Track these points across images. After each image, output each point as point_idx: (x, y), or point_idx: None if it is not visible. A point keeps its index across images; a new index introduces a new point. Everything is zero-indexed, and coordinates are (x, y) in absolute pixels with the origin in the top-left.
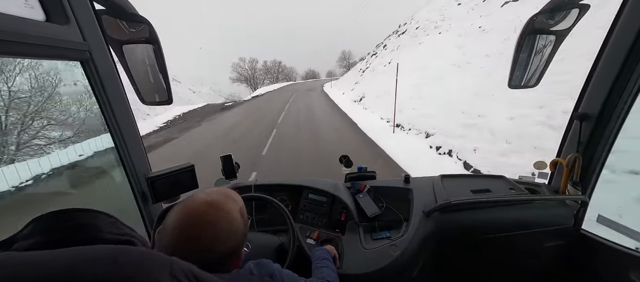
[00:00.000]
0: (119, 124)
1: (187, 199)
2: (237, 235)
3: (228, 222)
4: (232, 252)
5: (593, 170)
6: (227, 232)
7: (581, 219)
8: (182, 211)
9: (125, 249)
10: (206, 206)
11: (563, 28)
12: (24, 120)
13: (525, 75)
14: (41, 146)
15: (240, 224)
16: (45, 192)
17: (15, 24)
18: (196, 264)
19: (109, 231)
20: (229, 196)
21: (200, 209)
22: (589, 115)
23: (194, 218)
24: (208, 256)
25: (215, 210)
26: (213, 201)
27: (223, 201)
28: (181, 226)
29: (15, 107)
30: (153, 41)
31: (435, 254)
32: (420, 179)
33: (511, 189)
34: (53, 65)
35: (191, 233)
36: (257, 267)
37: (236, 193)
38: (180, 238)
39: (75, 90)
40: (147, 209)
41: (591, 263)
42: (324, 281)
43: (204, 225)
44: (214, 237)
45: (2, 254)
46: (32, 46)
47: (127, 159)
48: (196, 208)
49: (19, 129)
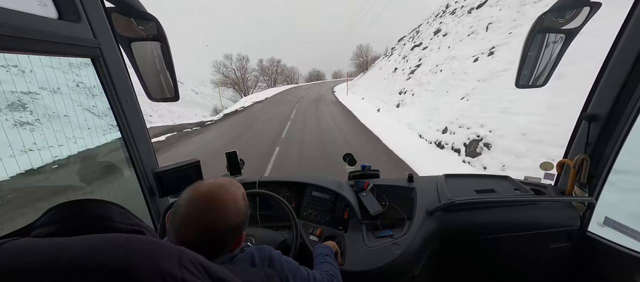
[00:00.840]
0: (127, 119)
1: (198, 183)
2: (239, 213)
3: (233, 201)
4: (236, 229)
5: (601, 171)
6: (232, 209)
7: (587, 221)
8: (193, 191)
9: (137, 238)
10: (214, 186)
11: (573, 27)
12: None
13: (533, 74)
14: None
15: (243, 205)
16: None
17: (29, 21)
18: (203, 237)
19: (120, 221)
20: (233, 182)
21: (209, 189)
22: (598, 115)
23: (203, 195)
24: (214, 229)
25: (222, 190)
26: (219, 183)
27: (228, 185)
28: (192, 202)
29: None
30: (161, 38)
31: (437, 254)
32: (423, 178)
33: (516, 190)
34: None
35: (200, 207)
36: (258, 251)
37: (239, 183)
38: (191, 213)
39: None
40: (154, 203)
41: (597, 265)
42: (325, 273)
43: (211, 201)
44: (220, 212)
45: (22, 240)
46: (46, 43)
47: (135, 153)
48: (205, 188)
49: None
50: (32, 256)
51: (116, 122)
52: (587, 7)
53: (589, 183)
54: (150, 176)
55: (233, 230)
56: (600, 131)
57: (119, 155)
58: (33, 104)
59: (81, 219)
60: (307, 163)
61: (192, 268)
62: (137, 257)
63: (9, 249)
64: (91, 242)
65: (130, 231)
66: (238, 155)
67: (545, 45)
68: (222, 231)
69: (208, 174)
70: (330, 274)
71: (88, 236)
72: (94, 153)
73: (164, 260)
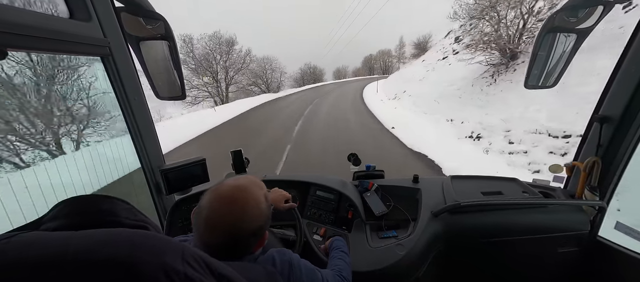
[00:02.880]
0: (135, 117)
1: (219, 183)
2: (261, 216)
3: (255, 202)
4: (258, 231)
5: (613, 175)
6: (254, 212)
7: (598, 226)
8: (214, 193)
9: (142, 233)
10: (235, 190)
11: (585, 26)
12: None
13: (543, 75)
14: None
15: (265, 207)
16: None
17: (42, 20)
18: (226, 240)
19: (125, 217)
20: (255, 182)
21: (230, 192)
22: (611, 117)
23: (225, 199)
24: (236, 232)
25: (244, 192)
26: (241, 185)
27: (250, 186)
28: (214, 204)
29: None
30: (168, 37)
31: (442, 255)
32: (429, 180)
33: (524, 192)
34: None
35: (222, 210)
36: (278, 254)
37: (261, 181)
38: (213, 216)
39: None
40: (160, 200)
41: (608, 270)
42: (338, 275)
43: (232, 204)
44: (242, 216)
45: (31, 233)
46: (58, 42)
47: (142, 151)
48: (226, 191)
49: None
50: (39, 249)
51: (124, 119)
52: (601, 5)
53: (600, 187)
54: (157, 173)
55: (255, 232)
56: (613, 133)
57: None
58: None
59: (88, 214)
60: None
61: (194, 264)
62: (141, 251)
63: (18, 241)
64: (97, 236)
65: (135, 227)
66: (243, 154)
67: (555, 45)
68: (244, 235)
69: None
70: (339, 269)
71: (94, 230)
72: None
73: (167, 255)
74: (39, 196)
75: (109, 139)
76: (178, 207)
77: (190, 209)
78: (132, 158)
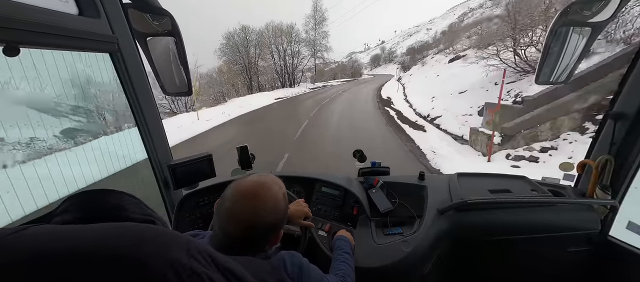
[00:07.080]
0: (144, 113)
1: (242, 178)
2: (279, 212)
3: (273, 200)
4: (275, 226)
5: (626, 174)
6: (272, 207)
7: (609, 225)
8: (236, 186)
9: (149, 228)
10: (256, 184)
11: (600, 19)
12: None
13: (554, 71)
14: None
15: (283, 205)
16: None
17: (52, 17)
18: (246, 232)
19: (133, 211)
20: (275, 181)
21: (253, 186)
22: (625, 114)
23: (247, 192)
24: (254, 225)
25: (264, 188)
26: (262, 181)
27: (270, 184)
28: (236, 196)
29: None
30: (175, 34)
31: (448, 253)
32: (435, 177)
33: (533, 191)
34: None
35: (243, 203)
36: (289, 257)
37: (281, 181)
38: (235, 207)
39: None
40: (168, 195)
41: (619, 271)
42: (341, 278)
43: (254, 199)
44: (261, 209)
45: (42, 226)
46: (68, 38)
47: (151, 146)
48: (249, 185)
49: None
50: (51, 242)
51: (133, 115)
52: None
53: (612, 185)
54: (165, 169)
55: (272, 226)
56: (627, 131)
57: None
58: None
59: (97, 208)
60: None
61: (199, 258)
62: (148, 246)
63: (31, 234)
64: (106, 230)
65: (142, 221)
66: (249, 149)
67: (568, 40)
68: (261, 227)
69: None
70: (343, 274)
71: (103, 224)
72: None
73: (173, 249)
74: (50, 185)
75: (115, 132)
76: (185, 201)
77: (197, 204)
78: (138, 149)
